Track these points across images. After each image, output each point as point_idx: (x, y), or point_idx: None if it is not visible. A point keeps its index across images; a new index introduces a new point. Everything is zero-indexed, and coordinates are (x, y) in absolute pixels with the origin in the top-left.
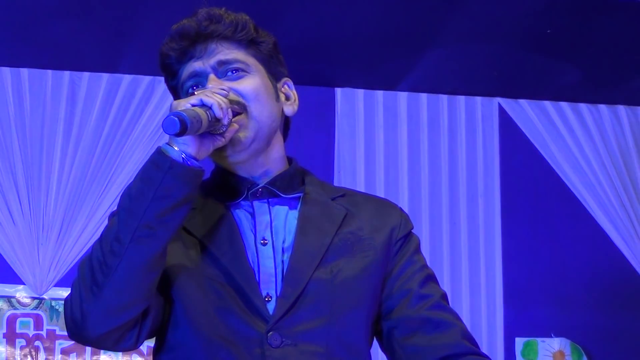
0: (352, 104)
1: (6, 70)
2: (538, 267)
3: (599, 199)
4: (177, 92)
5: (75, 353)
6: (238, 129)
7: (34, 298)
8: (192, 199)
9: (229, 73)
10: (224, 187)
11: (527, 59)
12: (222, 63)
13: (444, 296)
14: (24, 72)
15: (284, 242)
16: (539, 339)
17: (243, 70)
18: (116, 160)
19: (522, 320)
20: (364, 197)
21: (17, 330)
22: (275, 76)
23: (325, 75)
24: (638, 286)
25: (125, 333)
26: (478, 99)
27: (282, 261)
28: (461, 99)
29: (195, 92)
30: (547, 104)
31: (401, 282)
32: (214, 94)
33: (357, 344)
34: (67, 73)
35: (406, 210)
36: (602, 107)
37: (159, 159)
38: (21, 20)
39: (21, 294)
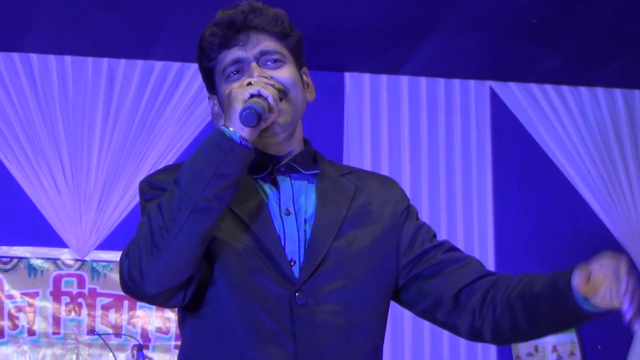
0: (359, 87)
1: (51, 58)
2: (525, 232)
3: (580, 171)
4: (212, 73)
5: (113, 309)
6: (279, 114)
7: (77, 260)
8: (242, 177)
9: (269, 62)
10: (254, 163)
11: (515, 46)
12: (263, 53)
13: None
14: (67, 59)
15: (305, 213)
16: None
17: (280, 61)
18: (149, 137)
19: None
20: (368, 173)
21: (62, 289)
22: (299, 66)
23: (335, 61)
24: (613, 247)
25: (176, 292)
26: (472, 82)
27: (305, 230)
28: (456, 82)
29: (251, 81)
30: (533, 86)
31: (416, 242)
32: (267, 86)
33: (372, 302)
34: (105, 60)
35: (407, 182)
36: (582, 89)
37: (220, 141)
38: (65, 11)
39: (65, 256)
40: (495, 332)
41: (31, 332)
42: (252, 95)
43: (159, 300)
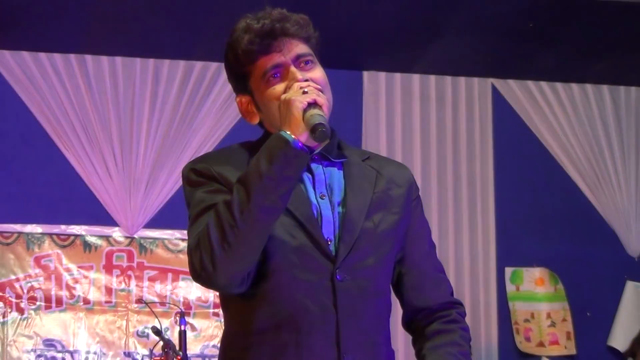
0: (376, 84)
1: (104, 59)
2: (523, 211)
3: (571, 158)
4: (247, 76)
5: (159, 280)
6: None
7: (126, 237)
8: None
9: (303, 64)
10: None
11: (514, 47)
12: (299, 56)
13: (434, 249)
14: (118, 59)
15: (337, 197)
16: (524, 268)
17: (312, 62)
18: (190, 129)
19: (510, 253)
20: (385, 159)
21: (114, 263)
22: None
23: (354, 60)
24: (599, 225)
25: (242, 281)
26: (475, 79)
27: (338, 212)
28: (462, 79)
29: (303, 88)
30: (530, 83)
31: (417, 238)
32: (320, 93)
33: (390, 278)
34: (151, 60)
35: (418, 169)
36: (574, 85)
37: (286, 148)
38: (117, 17)
39: (116, 234)
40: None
41: (86, 301)
42: (309, 104)
43: (228, 288)
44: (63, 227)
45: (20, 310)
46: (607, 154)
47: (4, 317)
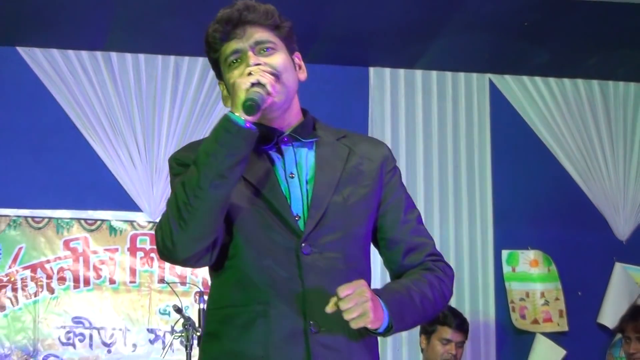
0: (382, 80)
1: (128, 55)
2: (519, 198)
3: (563, 149)
4: (218, 63)
5: None
6: (275, 95)
7: (149, 221)
8: (249, 153)
9: (262, 50)
10: (261, 136)
11: (510, 45)
12: (258, 42)
13: (419, 217)
14: (141, 56)
15: (306, 175)
16: (519, 251)
17: (273, 48)
18: (209, 121)
19: (507, 237)
20: (360, 137)
21: (138, 245)
22: (291, 51)
23: (361, 57)
24: (590, 210)
25: (203, 255)
26: (474, 75)
27: (307, 190)
28: (461, 75)
29: (250, 70)
30: (525, 78)
31: (392, 209)
32: (265, 74)
33: (363, 248)
34: (172, 57)
35: (420, 159)
36: (566, 81)
37: (229, 125)
38: (140, 16)
39: (140, 218)
40: None
41: (112, 281)
42: (252, 84)
43: (190, 263)
44: (90, 212)
45: (51, 290)
46: (597, 145)
47: (35, 296)
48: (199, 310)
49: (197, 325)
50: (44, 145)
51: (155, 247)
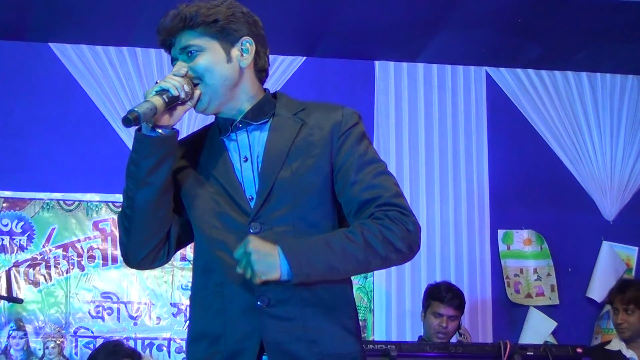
0: (386, 73)
1: (152, 51)
2: (513, 182)
3: (554, 135)
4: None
5: None
6: (200, 94)
7: None
8: (172, 154)
9: (188, 54)
10: (219, 126)
11: (505, 40)
12: (183, 49)
13: (379, 172)
14: (164, 52)
15: (258, 156)
16: (514, 230)
17: (197, 51)
18: None
19: (502, 217)
20: (317, 105)
21: None
22: (230, 42)
23: (367, 52)
24: (579, 193)
25: (157, 254)
26: (472, 67)
27: (256, 168)
28: (460, 67)
29: (158, 80)
30: (519, 70)
31: (343, 172)
32: (171, 79)
33: (317, 219)
34: None
35: (422, 147)
36: (557, 73)
37: (137, 136)
38: (161, 13)
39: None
40: None
41: None
42: (157, 92)
43: (145, 265)
44: (118, 195)
45: (81, 267)
46: (585, 132)
47: (67, 273)
48: None
49: None
50: (74, 134)
51: None
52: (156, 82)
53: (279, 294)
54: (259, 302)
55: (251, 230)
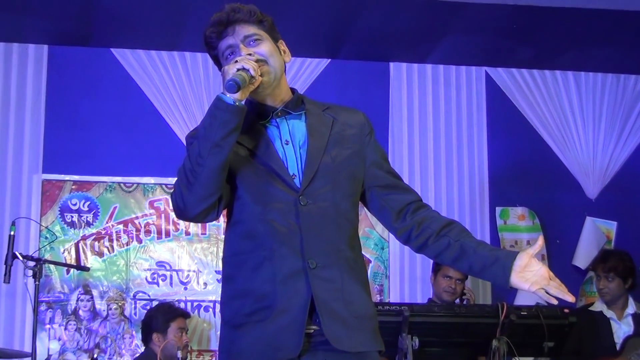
0: (399, 72)
1: (198, 55)
2: (509, 166)
3: (545, 126)
4: (218, 58)
5: None
6: (264, 76)
7: None
8: (241, 125)
9: (251, 42)
10: (259, 113)
11: (502, 43)
12: (246, 37)
13: (396, 174)
14: (208, 55)
15: (299, 141)
16: (509, 208)
17: (258, 39)
18: None
19: (500, 196)
20: (341, 107)
21: None
22: (275, 40)
23: (383, 53)
24: (566, 176)
25: (210, 212)
26: (473, 67)
27: (300, 154)
28: (463, 67)
29: (237, 59)
30: (514, 70)
31: (375, 165)
32: (249, 61)
33: (350, 198)
34: None
35: (430, 137)
36: (547, 72)
37: (219, 103)
38: (206, 20)
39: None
40: (419, 249)
41: (187, 233)
42: (238, 70)
43: (198, 219)
44: (170, 179)
45: (139, 240)
46: (571, 123)
47: (127, 245)
48: None
49: None
50: (133, 127)
51: None
52: (235, 61)
53: (324, 259)
54: (309, 264)
55: (301, 203)
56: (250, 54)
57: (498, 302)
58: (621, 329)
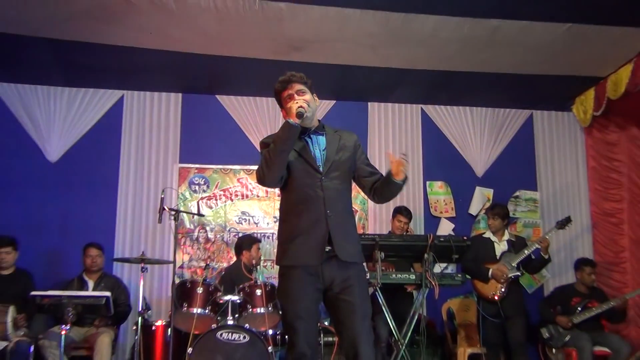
0: (376, 111)
1: (270, 99)
2: (435, 160)
3: (455, 139)
4: (281, 100)
5: None
6: (308, 113)
7: None
8: (296, 138)
9: (300, 93)
10: (302, 131)
11: (435, 93)
12: (298, 91)
13: (372, 166)
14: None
15: (322, 148)
16: (434, 181)
17: (304, 92)
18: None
19: (429, 176)
20: (343, 131)
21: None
22: (312, 92)
23: (363, 94)
24: (465, 164)
25: (278, 182)
26: (409, 105)
27: (322, 154)
28: (408, 106)
29: (297, 101)
30: (441, 106)
31: (362, 163)
32: (303, 103)
33: (349, 179)
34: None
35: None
36: (461, 107)
37: (288, 125)
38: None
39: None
40: (377, 201)
41: (257, 196)
42: (298, 107)
43: (271, 186)
44: (248, 166)
45: (231, 199)
46: (472, 135)
47: (224, 202)
48: None
49: None
50: (231, 143)
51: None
52: (296, 103)
53: (335, 211)
54: (327, 213)
55: (323, 181)
56: (300, 99)
57: (427, 233)
58: (500, 248)
